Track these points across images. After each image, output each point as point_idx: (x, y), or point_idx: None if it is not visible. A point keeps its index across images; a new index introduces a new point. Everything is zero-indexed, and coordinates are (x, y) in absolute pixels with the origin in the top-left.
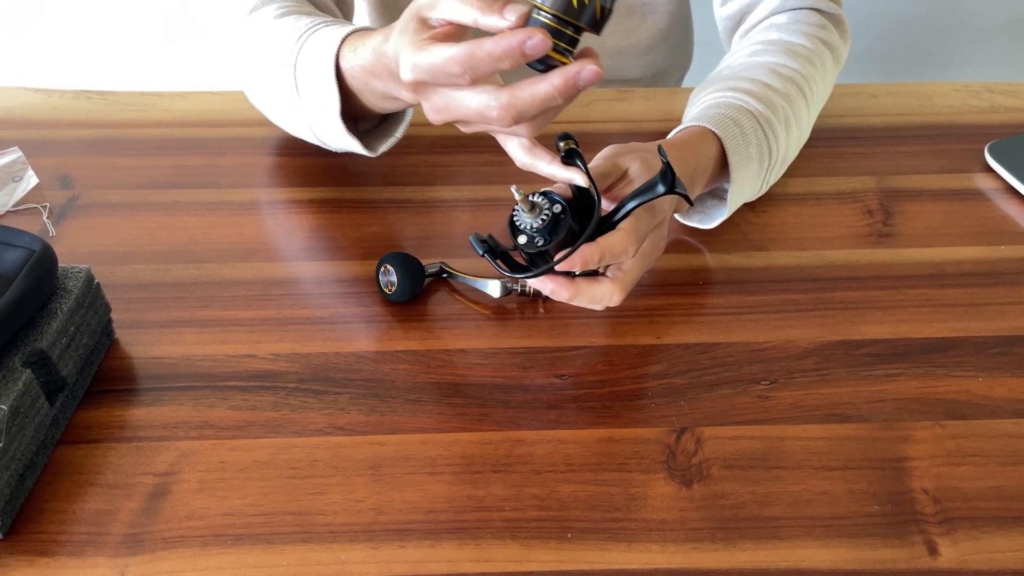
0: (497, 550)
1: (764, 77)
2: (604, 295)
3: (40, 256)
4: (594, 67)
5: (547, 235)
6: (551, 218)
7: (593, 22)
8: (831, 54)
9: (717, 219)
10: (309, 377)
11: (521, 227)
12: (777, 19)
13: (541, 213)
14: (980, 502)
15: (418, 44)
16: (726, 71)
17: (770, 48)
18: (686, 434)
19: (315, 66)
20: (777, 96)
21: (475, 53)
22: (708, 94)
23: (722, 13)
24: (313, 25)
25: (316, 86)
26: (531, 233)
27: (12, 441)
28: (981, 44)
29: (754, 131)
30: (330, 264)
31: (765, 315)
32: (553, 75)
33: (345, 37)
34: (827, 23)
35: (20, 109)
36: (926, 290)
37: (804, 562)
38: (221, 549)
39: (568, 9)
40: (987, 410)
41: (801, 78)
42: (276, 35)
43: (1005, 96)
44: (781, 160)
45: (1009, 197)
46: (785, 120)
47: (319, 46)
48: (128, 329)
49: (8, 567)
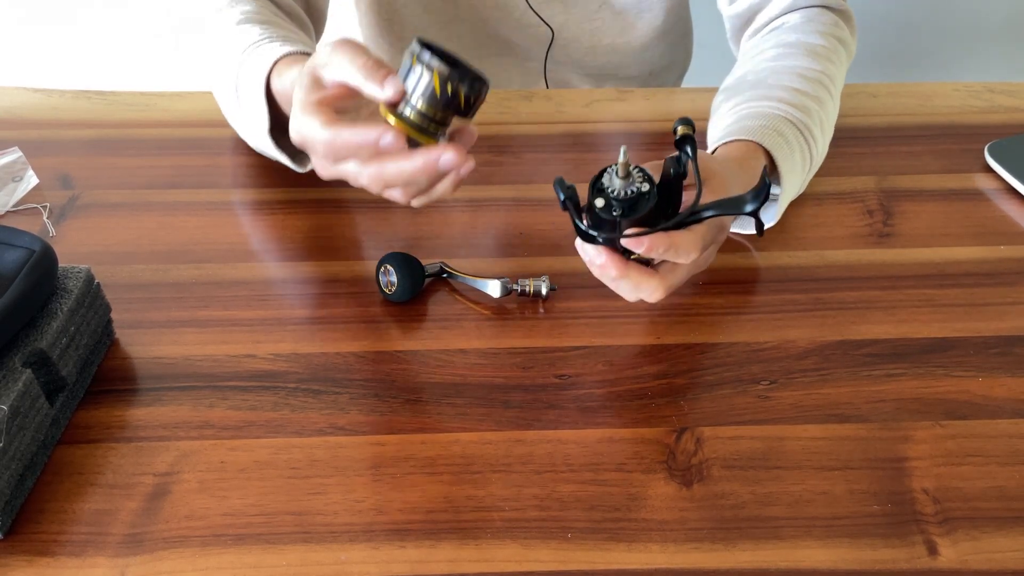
0: (497, 550)
1: (794, 83)
2: (648, 288)
3: (40, 256)
4: (452, 155)
5: (627, 208)
6: (637, 194)
7: (460, 111)
8: (845, 51)
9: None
10: (309, 377)
11: (606, 189)
12: (789, 19)
13: (632, 184)
14: (980, 502)
15: (304, 107)
16: (751, 76)
17: (791, 51)
18: (686, 434)
19: (250, 83)
20: (810, 100)
21: (335, 142)
22: (740, 104)
23: (730, 11)
24: (259, 39)
25: (250, 102)
26: (613, 199)
27: (12, 441)
28: (981, 44)
29: (796, 139)
30: (330, 264)
31: (765, 315)
32: (416, 156)
33: (276, 61)
34: (839, 20)
35: (20, 109)
36: (926, 290)
37: (804, 562)
38: (221, 549)
39: (433, 100)
40: (987, 410)
41: (827, 79)
42: (229, 43)
43: (1005, 96)
44: (817, 162)
45: (1009, 197)
46: (820, 123)
47: (255, 65)
48: (128, 329)
49: (8, 567)
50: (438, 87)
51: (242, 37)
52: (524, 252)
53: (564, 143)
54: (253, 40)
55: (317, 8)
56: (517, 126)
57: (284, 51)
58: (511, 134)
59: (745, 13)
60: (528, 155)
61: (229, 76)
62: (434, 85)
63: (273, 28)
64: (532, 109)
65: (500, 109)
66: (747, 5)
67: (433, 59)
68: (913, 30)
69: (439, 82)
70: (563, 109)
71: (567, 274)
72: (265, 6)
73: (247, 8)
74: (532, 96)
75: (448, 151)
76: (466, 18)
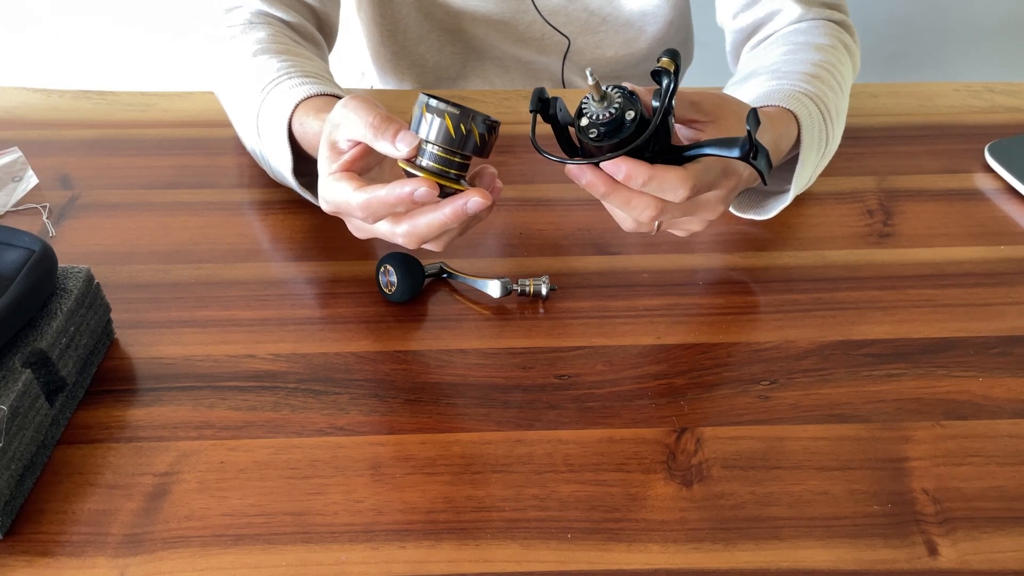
0: (497, 550)
1: (809, 70)
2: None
3: (40, 256)
4: (479, 199)
5: (605, 131)
6: (617, 117)
7: (476, 149)
8: (851, 59)
9: (774, 209)
10: (309, 377)
11: (585, 113)
12: (797, 27)
13: (610, 106)
14: (980, 502)
15: (330, 178)
16: (763, 68)
17: (802, 48)
18: (686, 434)
19: (271, 127)
20: (826, 87)
21: (371, 203)
22: (758, 85)
23: (734, 25)
24: (277, 76)
25: (273, 145)
26: (592, 123)
27: (12, 441)
28: (981, 44)
29: (816, 115)
30: (330, 264)
31: (765, 315)
32: (444, 206)
33: (296, 106)
34: (844, 31)
35: (20, 109)
36: (926, 290)
37: (804, 562)
38: (221, 549)
39: (450, 141)
40: (987, 410)
41: (839, 74)
42: (247, 77)
43: (1005, 96)
44: (830, 150)
45: (1009, 197)
46: (836, 109)
47: (276, 108)
48: (128, 329)
49: (8, 567)
50: (452, 129)
51: (260, 72)
52: (524, 252)
53: None
54: (272, 77)
55: (328, 24)
56: (517, 126)
57: (303, 95)
58: (511, 134)
59: (749, 28)
60: (528, 155)
61: (249, 113)
62: (448, 128)
63: (290, 59)
64: None
65: (500, 109)
66: (752, 20)
67: (441, 103)
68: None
69: (452, 124)
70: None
71: (567, 274)
72: (280, 31)
73: (261, 35)
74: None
75: (474, 195)
76: (467, 30)
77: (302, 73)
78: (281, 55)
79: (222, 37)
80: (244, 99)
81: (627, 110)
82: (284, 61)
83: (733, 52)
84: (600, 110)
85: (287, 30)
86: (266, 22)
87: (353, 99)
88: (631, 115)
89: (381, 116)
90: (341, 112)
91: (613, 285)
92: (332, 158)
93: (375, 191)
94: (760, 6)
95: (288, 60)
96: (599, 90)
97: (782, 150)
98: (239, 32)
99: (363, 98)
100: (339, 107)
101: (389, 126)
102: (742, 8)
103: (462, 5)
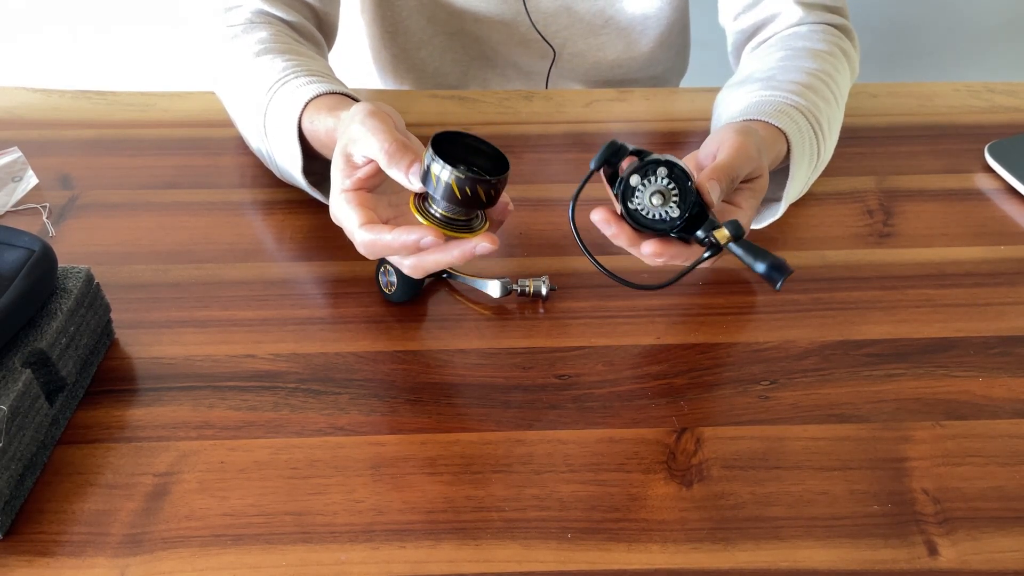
0: (497, 550)
1: (803, 79)
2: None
3: (40, 256)
4: (487, 244)
5: (643, 224)
6: (664, 219)
7: (481, 204)
8: (849, 65)
9: (766, 219)
10: (309, 377)
11: (638, 197)
12: (796, 31)
13: (664, 207)
14: (980, 502)
15: (341, 196)
16: (758, 73)
17: (799, 54)
18: (686, 434)
19: (280, 125)
20: (818, 98)
21: (377, 244)
22: (750, 93)
23: (735, 27)
24: (283, 76)
25: (281, 145)
26: (637, 211)
27: (12, 441)
28: (981, 44)
29: (807, 129)
30: (330, 264)
31: (765, 315)
32: (452, 248)
33: (305, 105)
34: (843, 36)
35: (20, 109)
36: (926, 290)
37: (804, 562)
38: (221, 549)
39: (455, 201)
40: (987, 410)
41: (833, 83)
42: (251, 78)
43: (1005, 96)
44: (823, 162)
45: (1009, 197)
46: (828, 121)
47: (284, 106)
48: (128, 329)
49: (8, 567)
50: (457, 192)
51: (265, 72)
52: (524, 252)
53: (564, 143)
54: (278, 76)
55: (328, 24)
56: (517, 126)
57: (312, 93)
58: (511, 134)
59: (750, 29)
60: (528, 155)
61: (255, 112)
62: (453, 190)
63: (295, 58)
64: (532, 109)
65: (500, 109)
66: (752, 21)
67: (444, 169)
68: (913, 30)
69: (457, 188)
70: (563, 109)
71: (567, 274)
72: (281, 30)
73: (263, 35)
74: (532, 96)
75: (483, 241)
76: (469, 32)
77: (308, 72)
78: (285, 54)
79: (222, 37)
80: (249, 99)
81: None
82: (289, 60)
83: (735, 52)
84: (652, 209)
85: (288, 29)
86: (267, 21)
87: (371, 115)
88: (675, 214)
89: (397, 144)
90: (359, 129)
91: (613, 285)
92: (346, 172)
93: (381, 233)
94: (761, 8)
95: (293, 59)
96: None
97: (772, 166)
98: (240, 32)
99: (381, 114)
100: (358, 122)
101: (403, 156)
102: (743, 9)
103: (464, 4)
